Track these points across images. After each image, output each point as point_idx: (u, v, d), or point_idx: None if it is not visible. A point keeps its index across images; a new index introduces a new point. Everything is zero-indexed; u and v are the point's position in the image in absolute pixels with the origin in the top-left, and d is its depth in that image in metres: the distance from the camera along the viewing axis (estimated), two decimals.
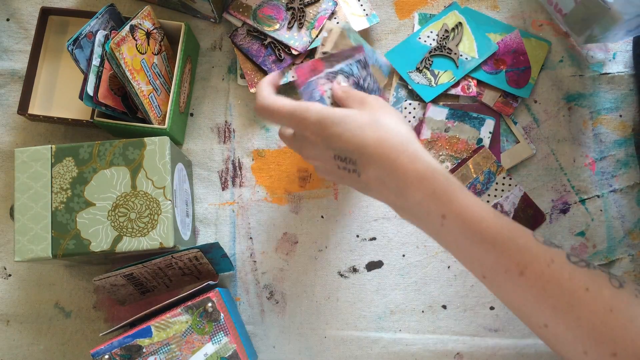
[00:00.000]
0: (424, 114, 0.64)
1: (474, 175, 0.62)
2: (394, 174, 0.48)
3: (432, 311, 0.62)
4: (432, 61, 0.65)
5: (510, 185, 0.62)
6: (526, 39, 0.65)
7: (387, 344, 0.62)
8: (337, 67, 0.55)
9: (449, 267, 0.63)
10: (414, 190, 0.47)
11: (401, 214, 0.51)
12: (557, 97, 0.65)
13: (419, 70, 0.65)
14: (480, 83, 0.65)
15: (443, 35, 0.65)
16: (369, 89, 0.56)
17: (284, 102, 0.51)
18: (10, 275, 0.64)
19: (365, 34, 0.67)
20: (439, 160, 0.63)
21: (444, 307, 0.62)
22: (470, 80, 0.65)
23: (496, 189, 0.62)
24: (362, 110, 0.51)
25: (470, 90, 0.64)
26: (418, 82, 0.64)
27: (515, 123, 0.64)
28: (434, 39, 0.66)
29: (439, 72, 0.65)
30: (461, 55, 0.65)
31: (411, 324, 0.62)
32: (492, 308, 0.62)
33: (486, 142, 0.63)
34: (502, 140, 0.64)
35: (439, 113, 0.64)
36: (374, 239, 0.63)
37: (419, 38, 0.66)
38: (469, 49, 0.65)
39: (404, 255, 0.63)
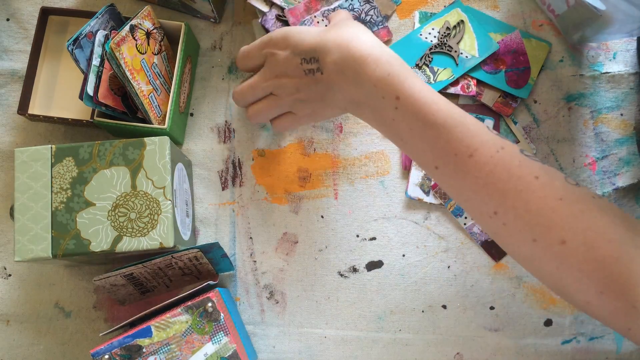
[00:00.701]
0: None
1: None
2: (352, 59, 0.50)
3: (432, 311, 0.62)
4: (432, 58, 0.65)
5: None
6: (526, 40, 0.65)
7: (387, 344, 0.62)
8: (335, 4, 0.56)
9: (449, 267, 0.63)
10: (371, 72, 0.49)
11: (358, 109, 0.52)
12: (557, 97, 0.65)
13: (418, 66, 0.65)
14: (479, 83, 0.65)
15: (444, 32, 0.65)
16: (371, 22, 0.57)
17: (254, 42, 0.57)
18: (10, 275, 0.64)
19: None
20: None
21: (444, 307, 0.62)
22: (469, 79, 0.65)
23: None
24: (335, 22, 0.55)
25: (470, 90, 0.64)
26: None
27: (515, 123, 0.64)
28: (435, 36, 0.65)
29: (438, 70, 0.65)
30: (461, 53, 0.65)
31: (411, 324, 0.62)
32: (492, 308, 0.62)
33: None
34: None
35: None
36: (374, 239, 0.63)
37: (420, 35, 0.66)
38: (469, 47, 0.65)
39: (404, 255, 0.63)
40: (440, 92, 0.64)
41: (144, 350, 0.54)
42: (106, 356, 0.53)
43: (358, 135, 0.65)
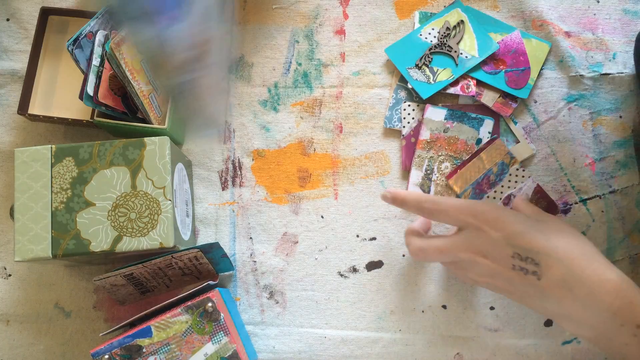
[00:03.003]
0: (422, 115, 0.64)
1: (487, 167, 0.62)
2: (586, 280, 0.46)
3: (432, 311, 0.62)
4: (431, 58, 0.65)
5: (523, 176, 0.62)
6: (527, 40, 0.65)
7: (387, 344, 0.62)
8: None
9: None
10: (610, 300, 0.45)
11: (574, 325, 0.48)
12: (557, 98, 0.65)
13: (418, 67, 0.65)
14: (479, 83, 0.65)
15: (444, 32, 0.65)
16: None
17: (452, 200, 0.54)
18: (10, 275, 0.64)
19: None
20: (438, 160, 0.63)
21: (444, 307, 0.62)
22: (469, 80, 0.65)
23: (509, 180, 0.62)
24: (539, 216, 0.51)
25: (470, 90, 0.64)
26: (416, 79, 0.64)
27: (515, 123, 0.64)
28: (434, 37, 0.66)
29: (437, 70, 0.65)
30: (461, 54, 0.65)
31: (411, 324, 0.62)
32: (492, 308, 0.62)
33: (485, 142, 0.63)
34: (502, 140, 0.64)
35: (437, 114, 0.64)
36: (374, 239, 0.63)
37: (420, 35, 0.66)
38: (469, 47, 0.65)
39: (404, 255, 0.63)
40: (439, 92, 0.64)
41: (144, 350, 0.54)
42: (106, 356, 0.53)
43: (358, 135, 0.65)
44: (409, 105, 0.65)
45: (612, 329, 0.46)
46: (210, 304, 0.54)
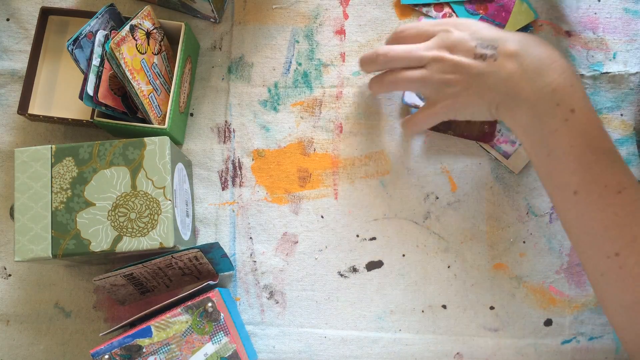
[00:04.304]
0: None
1: None
2: (537, 57, 0.49)
3: (432, 311, 0.62)
4: None
5: None
6: (519, 1, 0.65)
7: (387, 344, 0.62)
8: None
9: (449, 266, 0.63)
10: (556, 76, 0.48)
11: (511, 109, 0.51)
12: None
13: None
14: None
15: None
16: None
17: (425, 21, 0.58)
18: (10, 275, 0.64)
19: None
20: None
21: (444, 307, 0.62)
22: (452, 12, 0.65)
23: None
24: None
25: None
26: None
27: None
28: None
29: None
30: None
31: (411, 324, 0.62)
32: (492, 308, 0.62)
33: None
34: (507, 135, 0.64)
35: None
36: (374, 239, 0.63)
37: None
38: None
39: (404, 255, 0.63)
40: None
41: (144, 350, 0.54)
42: (106, 356, 0.53)
43: (358, 135, 0.65)
44: None
45: (548, 109, 0.48)
46: (210, 304, 0.54)
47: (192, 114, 0.66)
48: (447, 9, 0.65)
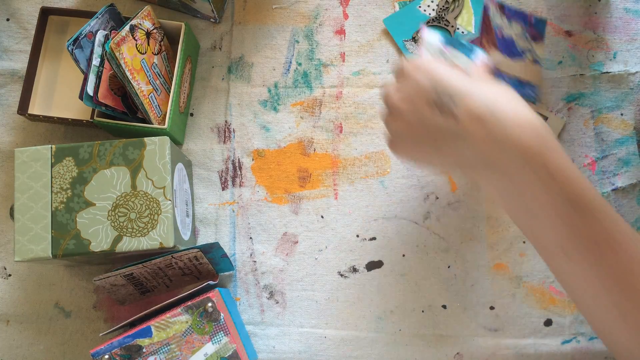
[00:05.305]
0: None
1: None
2: (500, 115, 0.44)
3: (432, 311, 0.62)
4: None
5: None
6: None
7: (387, 344, 0.62)
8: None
9: (449, 266, 0.63)
10: (520, 132, 0.44)
11: (488, 173, 0.47)
12: (557, 97, 0.65)
13: (414, 40, 0.65)
14: None
15: (443, 5, 0.65)
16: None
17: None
18: (10, 275, 0.64)
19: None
20: None
21: (444, 307, 0.62)
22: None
23: None
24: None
25: None
26: (412, 52, 0.65)
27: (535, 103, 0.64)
28: (433, 9, 0.66)
29: None
30: (458, 28, 0.65)
31: (411, 324, 0.62)
32: (492, 308, 0.62)
33: None
34: None
35: (433, 36, 0.59)
36: (374, 239, 0.63)
37: (419, 7, 0.66)
38: (467, 22, 0.65)
39: (404, 255, 0.63)
40: None
41: (144, 350, 0.54)
42: (106, 356, 0.53)
43: (358, 135, 0.65)
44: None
45: (520, 171, 0.45)
46: (210, 304, 0.54)
47: (192, 114, 0.66)
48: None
